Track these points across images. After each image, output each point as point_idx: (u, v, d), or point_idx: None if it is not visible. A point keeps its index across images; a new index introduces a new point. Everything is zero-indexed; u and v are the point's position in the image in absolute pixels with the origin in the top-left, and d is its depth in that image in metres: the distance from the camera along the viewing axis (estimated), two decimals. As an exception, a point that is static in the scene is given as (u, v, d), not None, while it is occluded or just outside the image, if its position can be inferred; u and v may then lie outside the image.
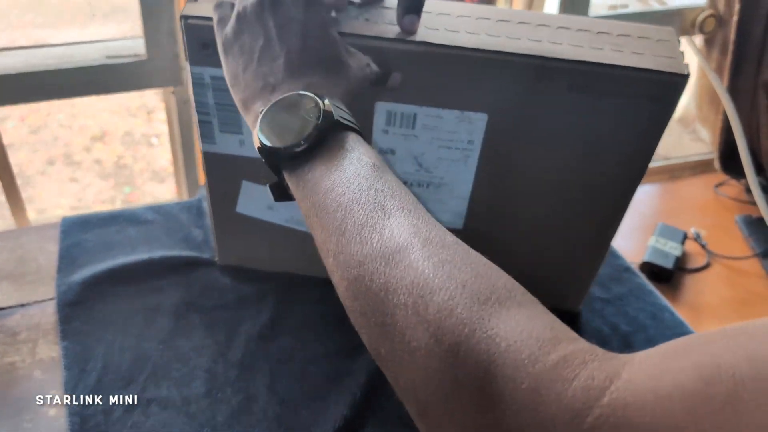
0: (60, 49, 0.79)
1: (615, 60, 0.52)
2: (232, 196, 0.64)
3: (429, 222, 0.37)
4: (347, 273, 0.36)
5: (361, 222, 0.36)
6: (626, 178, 0.59)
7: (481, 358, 0.30)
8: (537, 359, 0.29)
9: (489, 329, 0.31)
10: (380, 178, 0.39)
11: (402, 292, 0.33)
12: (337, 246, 0.37)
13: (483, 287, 0.33)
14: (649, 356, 0.29)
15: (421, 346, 0.32)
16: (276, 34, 0.45)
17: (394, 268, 0.34)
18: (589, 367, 0.29)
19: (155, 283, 0.70)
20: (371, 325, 0.35)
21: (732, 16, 1.00)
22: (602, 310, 0.74)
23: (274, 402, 0.60)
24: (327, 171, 0.40)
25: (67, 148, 2.41)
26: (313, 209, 0.39)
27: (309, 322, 0.68)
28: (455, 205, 0.62)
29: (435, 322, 0.31)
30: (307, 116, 0.41)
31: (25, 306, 0.68)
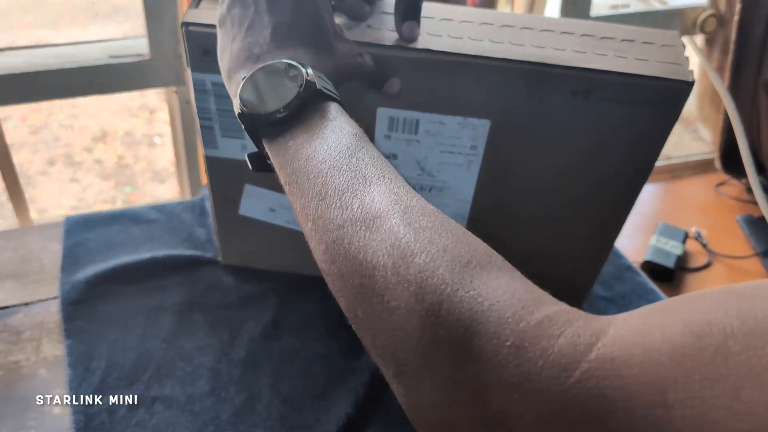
0: (63, 48, 0.79)
1: (618, 67, 0.51)
2: (235, 199, 0.64)
3: (410, 191, 0.37)
4: (326, 236, 0.36)
5: (342, 188, 0.36)
6: (629, 182, 0.59)
7: (463, 316, 0.30)
8: (521, 317, 0.29)
9: (471, 289, 0.31)
10: (362, 147, 0.39)
11: (382, 254, 0.33)
12: (317, 211, 0.37)
13: (464, 251, 0.33)
14: (634, 315, 0.29)
15: (401, 305, 0.32)
16: (266, 6, 0.44)
17: (374, 233, 0.34)
18: (574, 325, 0.29)
19: (158, 282, 0.70)
20: (349, 287, 0.35)
21: (733, 16, 1.00)
22: (605, 310, 0.74)
23: (277, 401, 0.60)
24: (308, 138, 0.39)
25: (67, 148, 2.41)
26: (294, 176, 0.39)
27: (312, 321, 0.68)
28: (458, 207, 0.62)
29: (416, 282, 0.31)
30: (290, 84, 0.41)
31: (28, 305, 0.68)
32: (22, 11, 2.64)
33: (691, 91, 0.52)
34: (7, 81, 0.77)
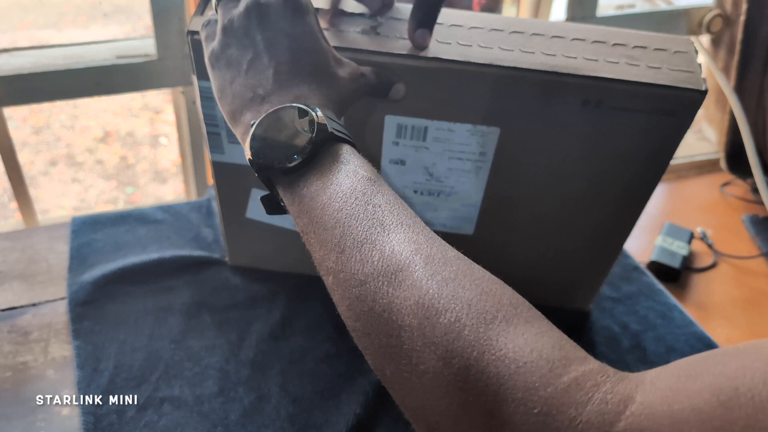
0: (70, 49, 0.79)
1: (630, 75, 0.50)
2: (242, 202, 0.64)
3: (429, 237, 0.36)
4: (348, 292, 0.35)
5: (361, 239, 0.36)
6: (638, 189, 0.58)
7: (491, 381, 0.29)
8: (548, 382, 0.29)
9: (497, 350, 0.30)
10: (377, 192, 0.38)
11: (407, 313, 0.32)
12: (337, 264, 0.36)
13: (489, 305, 0.32)
14: (662, 377, 0.29)
15: (429, 369, 0.31)
16: (264, 46, 0.44)
17: (397, 288, 0.33)
18: (602, 390, 0.28)
19: (166, 282, 0.70)
20: (375, 346, 0.34)
21: (739, 16, 1.01)
22: (612, 309, 0.74)
23: (286, 401, 0.60)
24: (323, 186, 0.39)
25: (69, 148, 2.41)
26: (310, 226, 0.38)
27: (320, 321, 0.68)
28: (466, 212, 0.62)
29: (443, 345, 0.31)
30: (301, 129, 0.40)
31: (36, 305, 0.68)
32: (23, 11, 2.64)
33: (704, 99, 0.51)
34: (14, 81, 0.76)
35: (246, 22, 0.44)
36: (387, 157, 0.58)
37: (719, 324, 0.95)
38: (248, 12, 0.44)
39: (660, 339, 0.71)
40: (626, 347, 0.69)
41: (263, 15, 0.44)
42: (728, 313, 0.98)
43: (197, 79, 0.54)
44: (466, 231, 0.63)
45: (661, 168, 0.56)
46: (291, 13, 0.44)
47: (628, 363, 0.68)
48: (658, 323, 0.73)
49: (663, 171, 0.57)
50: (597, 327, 0.72)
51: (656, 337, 0.71)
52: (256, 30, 0.44)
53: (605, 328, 0.71)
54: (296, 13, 0.45)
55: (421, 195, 0.61)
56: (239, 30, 0.44)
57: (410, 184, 0.60)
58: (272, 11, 0.44)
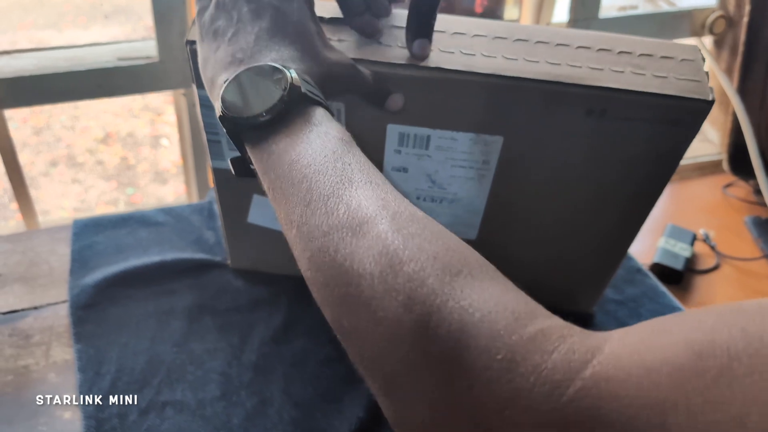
0: (71, 51, 0.79)
1: (636, 85, 0.50)
2: (243, 207, 0.64)
3: (398, 196, 0.35)
4: (311, 244, 0.34)
5: (327, 193, 0.35)
6: (643, 197, 0.58)
7: (453, 327, 0.29)
8: (513, 330, 0.28)
9: (462, 299, 0.30)
10: (348, 152, 0.37)
11: (369, 261, 0.32)
12: (302, 217, 0.35)
13: (455, 260, 0.31)
14: (632, 332, 0.28)
15: (389, 315, 0.30)
16: (250, 17, 0.44)
17: (361, 239, 0.32)
18: (568, 341, 0.28)
19: (168, 285, 0.70)
20: (334, 296, 0.33)
21: (742, 18, 1.00)
22: (616, 312, 0.74)
23: (289, 405, 0.60)
24: (291, 143, 0.38)
25: (69, 149, 2.41)
26: (277, 181, 0.38)
27: (322, 324, 0.66)
28: (469, 218, 0.62)
29: (404, 291, 0.30)
30: (274, 87, 0.40)
31: (37, 308, 0.68)
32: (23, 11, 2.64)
33: (710, 109, 0.50)
34: (16, 84, 0.76)
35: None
36: (389, 165, 0.58)
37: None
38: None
39: (663, 342, 0.70)
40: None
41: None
42: (731, 315, 0.98)
43: (197, 88, 0.53)
44: (469, 236, 0.63)
45: (665, 177, 0.56)
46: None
47: (632, 366, 0.67)
48: (662, 326, 0.72)
49: (667, 180, 0.56)
50: (600, 329, 0.71)
51: (660, 340, 0.71)
52: (243, 2, 0.44)
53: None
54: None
55: (424, 201, 0.61)
56: (228, 3, 0.44)
57: (413, 191, 0.60)
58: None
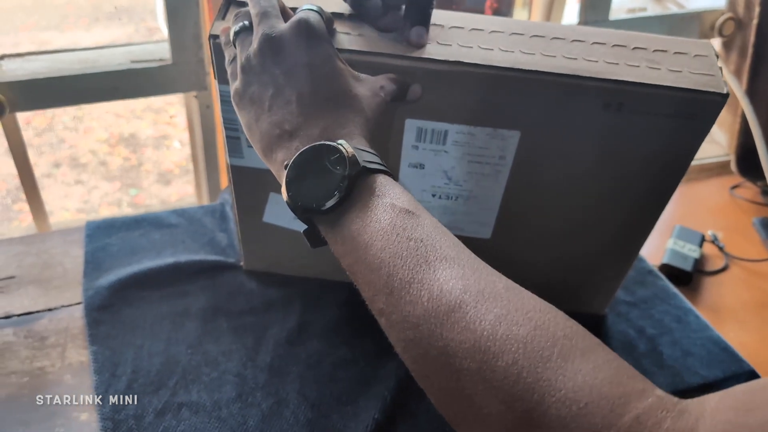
0: (84, 53, 0.79)
1: (652, 79, 0.50)
2: (259, 207, 0.64)
3: (475, 269, 0.36)
4: (402, 335, 0.36)
5: (408, 279, 0.36)
6: (657, 192, 0.58)
7: (553, 424, 0.30)
8: (611, 423, 0.29)
9: (558, 391, 0.31)
10: (416, 225, 0.38)
11: (464, 356, 0.33)
12: (387, 305, 0.36)
13: (544, 341, 0.32)
14: (720, 409, 0.29)
15: (492, 412, 0.32)
16: (283, 80, 0.44)
17: (450, 331, 0.33)
18: (663, 427, 0.29)
19: (182, 287, 0.70)
20: (436, 388, 0.35)
21: (752, 20, 1.00)
22: (628, 314, 0.74)
23: (304, 406, 0.60)
24: (362, 224, 0.39)
25: (72, 150, 2.41)
26: (356, 266, 0.39)
27: (337, 325, 0.68)
28: (484, 216, 0.62)
29: (503, 389, 0.31)
30: (333, 167, 0.40)
31: (52, 310, 0.68)
32: (25, 13, 2.64)
33: (725, 103, 0.51)
34: (29, 87, 0.76)
35: (262, 59, 0.44)
36: (406, 161, 0.58)
37: (731, 327, 0.95)
38: (262, 48, 0.44)
39: (676, 343, 0.71)
40: (642, 351, 0.69)
41: (278, 49, 0.44)
42: (740, 317, 0.98)
43: (218, 83, 0.54)
44: (483, 235, 0.63)
45: (680, 172, 0.56)
46: (305, 42, 0.44)
47: (645, 367, 0.68)
48: (674, 327, 0.72)
49: (682, 175, 0.56)
50: (613, 331, 0.71)
51: (672, 342, 0.71)
52: (272, 65, 0.44)
53: (621, 333, 0.71)
54: (310, 40, 0.44)
55: (440, 199, 0.61)
56: (257, 67, 0.44)
57: (428, 188, 0.60)
58: (286, 43, 0.44)
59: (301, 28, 0.44)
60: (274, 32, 0.44)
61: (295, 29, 0.44)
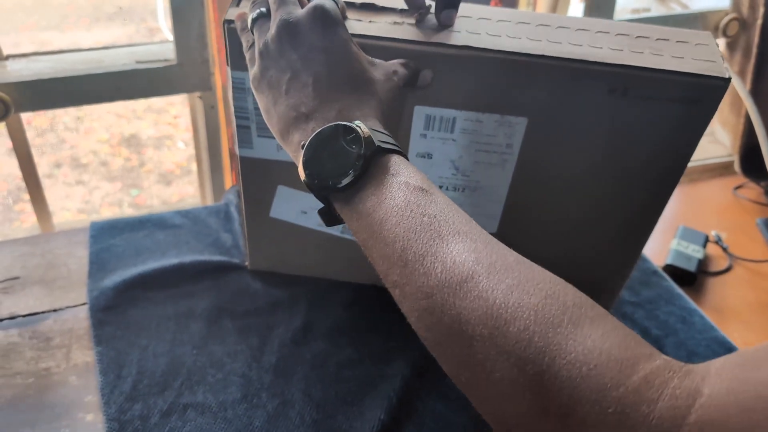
0: (89, 54, 0.79)
1: (655, 63, 0.52)
2: (266, 201, 0.64)
3: (487, 242, 0.37)
4: (416, 304, 0.37)
5: (422, 252, 0.37)
6: (661, 182, 0.58)
7: (564, 385, 0.31)
8: (619, 382, 0.30)
9: (568, 354, 0.31)
10: (430, 202, 0.39)
11: (476, 323, 0.34)
12: (401, 277, 0.37)
13: (554, 309, 0.33)
14: (726, 368, 0.30)
15: (504, 376, 0.33)
16: (300, 65, 0.45)
17: (463, 299, 0.34)
18: (670, 386, 0.30)
19: (187, 288, 0.70)
20: (448, 355, 0.36)
21: (756, 20, 1.00)
22: (632, 314, 0.74)
23: (310, 407, 0.60)
24: (378, 201, 0.40)
25: (73, 150, 2.41)
26: (371, 241, 0.40)
27: (342, 326, 0.68)
28: (490, 208, 0.62)
29: (515, 353, 0.32)
30: (349, 147, 0.41)
31: (57, 311, 0.68)
32: (25, 13, 2.64)
33: (728, 87, 0.52)
34: (34, 87, 0.76)
35: (279, 44, 0.45)
36: (414, 150, 0.58)
37: (735, 328, 0.95)
38: (279, 33, 0.45)
39: (681, 344, 0.71)
40: (648, 352, 0.69)
41: (294, 33, 0.45)
42: (744, 317, 0.98)
43: (231, 69, 0.54)
44: (489, 229, 0.63)
45: (683, 159, 0.57)
46: (321, 27, 0.45)
47: (650, 368, 0.67)
48: (679, 328, 0.72)
49: (686, 164, 0.57)
50: None
51: (677, 343, 0.71)
52: (290, 50, 0.45)
53: (626, 333, 0.71)
54: (326, 25, 0.45)
55: (447, 191, 0.61)
56: (274, 52, 0.46)
57: (436, 179, 0.60)
58: (302, 28, 0.45)
59: (317, 13, 0.45)
60: (291, 18, 0.45)
61: (311, 15, 0.45)
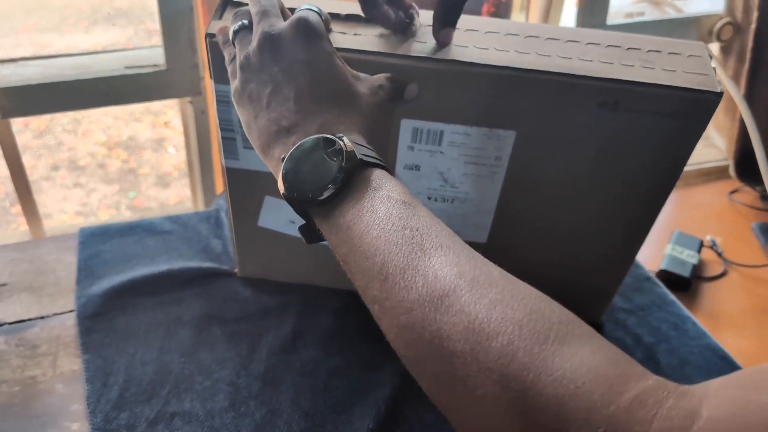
0: (78, 59, 0.79)
1: (646, 77, 0.51)
2: (254, 210, 0.64)
3: (470, 257, 0.36)
4: (395, 320, 0.35)
5: (402, 266, 0.35)
6: (653, 194, 0.58)
7: (550, 403, 0.29)
8: (610, 401, 0.28)
9: (554, 371, 0.30)
10: (413, 215, 0.38)
11: (457, 338, 0.32)
12: (381, 292, 0.36)
13: (539, 325, 0.32)
14: (725, 389, 0.28)
15: (487, 394, 0.31)
16: (282, 78, 0.44)
17: (444, 314, 0.33)
18: (665, 406, 0.28)
19: (176, 294, 0.69)
20: (428, 373, 0.34)
21: (750, 24, 1.00)
22: (625, 321, 0.73)
23: (298, 415, 0.60)
24: (358, 214, 0.39)
25: (71, 152, 2.41)
26: (350, 255, 0.38)
27: (332, 334, 0.67)
28: (480, 219, 0.62)
29: (497, 369, 0.31)
30: (330, 159, 0.40)
31: (44, 318, 0.67)
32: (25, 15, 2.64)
33: (720, 101, 0.51)
34: (22, 93, 0.76)
35: (260, 57, 0.44)
36: (402, 163, 0.58)
37: (730, 334, 0.95)
38: (261, 46, 0.44)
39: (673, 351, 0.70)
40: (639, 360, 0.68)
41: (276, 47, 0.44)
42: (739, 323, 0.98)
43: (214, 82, 0.53)
44: (479, 239, 0.63)
45: (675, 172, 0.56)
46: (303, 40, 0.44)
47: (642, 376, 0.67)
48: (671, 335, 0.72)
49: (678, 175, 0.56)
50: (610, 339, 0.69)
51: (669, 350, 0.70)
52: (271, 63, 0.44)
53: (618, 341, 0.71)
54: (309, 38, 0.44)
55: (435, 202, 0.60)
56: (256, 65, 0.45)
57: (424, 190, 0.60)
58: (284, 41, 0.44)
59: (300, 26, 0.44)
60: (273, 30, 0.44)
61: (294, 27, 0.44)
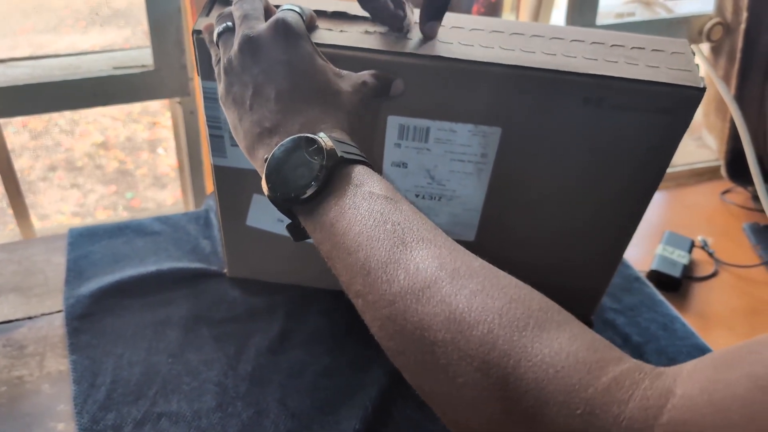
0: (66, 59, 0.79)
1: (630, 73, 0.51)
2: (242, 209, 0.64)
3: (452, 249, 0.37)
4: (378, 313, 0.36)
5: (384, 260, 0.36)
6: (640, 190, 0.58)
7: (530, 387, 0.30)
8: (588, 383, 0.29)
9: (533, 356, 0.31)
10: (394, 210, 0.39)
11: (438, 328, 0.33)
12: (364, 286, 0.37)
13: (519, 313, 0.33)
14: (699, 369, 0.29)
15: (468, 381, 0.32)
16: (263, 79, 0.44)
17: (425, 305, 0.34)
18: (641, 387, 0.29)
19: (164, 295, 0.69)
20: (411, 363, 0.35)
21: (740, 24, 1.00)
22: (614, 321, 0.73)
23: (285, 416, 0.60)
24: (340, 211, 0.40)
25: (68, 153, 2.41)
26: (334, 251, 0.39)
27: (320, 334, 0.67)
28: (467, 217, 0.62)
29: (478, 357, 0.32)
30: (312, 158, 0.41)
31: (32, 319, 0.67)
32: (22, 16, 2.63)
33: (702, 97, 0.52)
34: (10, 93, 0.76)
35: (242, 60, 0.45)
36: (389, 160, 0.58)
37: (720, 334, 0.95)
38: (242, 49, 0.45)
39: (662, 351, 0.70)
40: (628, 360, 0.69)
41: (256, 48, 0.45)
42: (729, 323, 0.98)
43: (201, 79, 0.54)
44: (467, 237, 0.63)
45: (661, 169, 0.56)
46: (283, 41, 0.45)
47: (630, 376, 0.67)
48: (660, 335, 0.72)
49: (663, 172, 0.57)
50: None
51: (658, 350, 0.70)
52: (252, 65, 0.45)
53: (607, 340, 0.71)
54: (288, 38, 0.45)
55: (423, 199, 0.61)
56: (237, 68, 0.45)
57: (412, 188, 0.60)
58: (263, 43, 0.45)
59: (279, 27, 0.45)
60: (252, 33, 0.45)
61: (273, 29, 0.45)
